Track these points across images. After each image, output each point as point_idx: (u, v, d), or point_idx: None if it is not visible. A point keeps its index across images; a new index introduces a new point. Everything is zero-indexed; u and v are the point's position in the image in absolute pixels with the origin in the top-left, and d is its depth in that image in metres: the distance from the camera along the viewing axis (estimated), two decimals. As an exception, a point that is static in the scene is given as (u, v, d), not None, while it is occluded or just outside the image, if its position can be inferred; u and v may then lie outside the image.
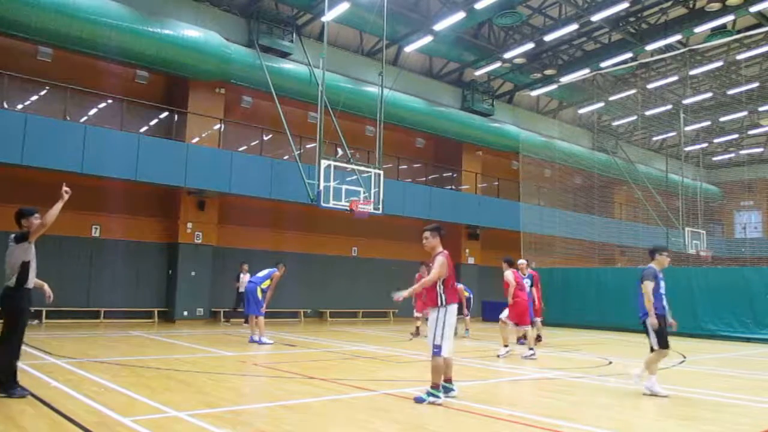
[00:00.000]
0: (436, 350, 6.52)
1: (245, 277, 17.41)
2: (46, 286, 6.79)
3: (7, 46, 16.36)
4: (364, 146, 21.04)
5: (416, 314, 15.23)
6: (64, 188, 6.22)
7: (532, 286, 14.15)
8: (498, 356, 11.15)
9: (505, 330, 11.48)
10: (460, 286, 16.59)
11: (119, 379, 7.45)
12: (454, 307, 6.70)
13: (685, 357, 12.32)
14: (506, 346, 11.30)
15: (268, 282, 12.84)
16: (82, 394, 6.43)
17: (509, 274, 11.98)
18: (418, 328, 15.04)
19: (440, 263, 6.67)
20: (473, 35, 23.22)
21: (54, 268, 16.98)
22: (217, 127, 19.26)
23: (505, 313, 11.64)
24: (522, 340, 14.00)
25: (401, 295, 6.66)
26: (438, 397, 6.46)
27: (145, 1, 17.46)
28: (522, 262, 14.78)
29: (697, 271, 19.29)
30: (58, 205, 6.14)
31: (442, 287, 6.64)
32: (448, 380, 6.81)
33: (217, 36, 18.20)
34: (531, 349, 11.18)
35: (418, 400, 6.48)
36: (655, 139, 36.11)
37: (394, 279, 23.61)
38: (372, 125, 19.88)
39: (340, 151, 19.42)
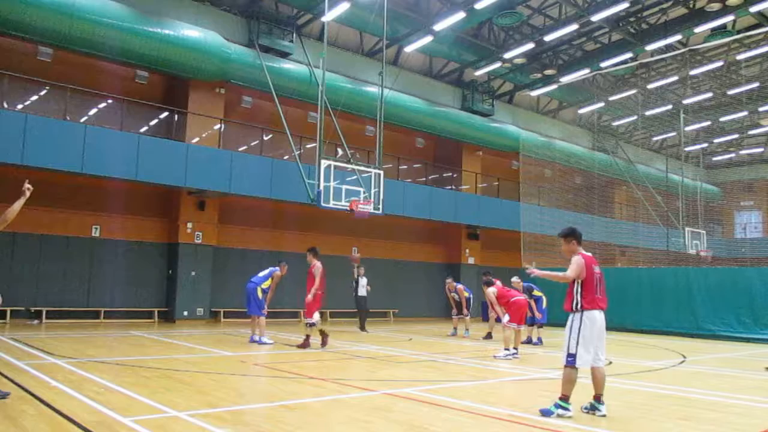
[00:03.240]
0: (570, 359, 6.01)
1: (363, 280, 17.28)
2: None
3: (7, 46, 16.36)
4: (364, 146, 21.04)
5: (306, 320, 12.00)
6: (26, 185, 6.14)
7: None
8: (494, 357, 11.15)
9: (508, 333, 11.39)
10: (460, 285, 16.64)
11: (119, 379, 7.45)
12: (593, 314, 6.07)
13: (685, 357, 12.31)
14: (507, 349, 11.23)
15: (269, 282, 12.82)
16: (82, 394, 6.42)
17: (491, 293, 12.06)
18: (308, 337, 11.87)
19: (577, 263, 6.19)
20: (473, 35, 23.22)
21: (54, 268, 17.02)
22: (217, 127, 19.26)
23: (506, 318, 11.61)
24: (536, 340, 14.04)
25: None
26: (567, 410, 5.92)
27: (145, 1, 17.46)
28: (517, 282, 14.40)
29: (697, 271, 19.29)
30: (20, 201, 6.04)
31: (580, 291, 6.14)
32: (597, 398, 6.12)
33: (217, 36, 18.20)
34: (508, 348, 11.15)
35: (545, 413, 5.97)
36: (655, 139, 36.10)
37: (395, 279, 23.75)
38: (372, 125, 19.89)
39: (340, 151, 19.42)
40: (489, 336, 15.19)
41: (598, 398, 6.13)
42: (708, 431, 5.75)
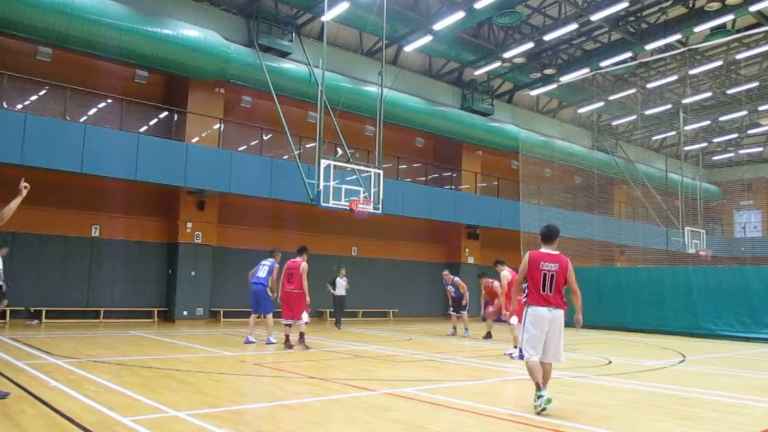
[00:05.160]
0: (520, 353, 6.42)
1: (342, 282, 17.46)
2: None
3: (7, 46, 16.36)
4: (364, 146, 21.03)
5: (283, 321, 11.85)
6: (23, 183, 6.13)
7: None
8: (505, 354, 11.18)
9: (516, 333, 11.40)
10: (458, 278, 16.69)
11: (119, 379, 7.45)
12: (538, 310, 6.24)
13: (685, 357, 12.32)
14: (516, 347, 11.25)
15: (272, 277, 12.69)
16: (82, 394, 6.42)
17: (505, 277, 12.06)
18: (288, 337, 11.76)
19: (521, 264, 6.47)
20: (473, 35, 23.21)
21: (54, 268, 17.02)
22: (216, 126, 19.26)
23: (515, 319, 11.52)
24: None
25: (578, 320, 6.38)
26: (541, 396, 6.11)
27: (145, 1, 17.46)
28: None
29: (697, 270, 19.29)
30: (17, 200, 6.03)
31: (526, 288, 6.44)
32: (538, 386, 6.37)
33: (217, 36, 18.20)
34: (516, 346, 11.18)
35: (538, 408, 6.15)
36: (654, 138, 36.11)
37: (394, 279, 23.75)
38: (372, 125, 19.88)
39: (339, 151, 19.41)
40: (489, 336, 15.20)
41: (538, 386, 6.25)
42: (708, 431, 5.75)
